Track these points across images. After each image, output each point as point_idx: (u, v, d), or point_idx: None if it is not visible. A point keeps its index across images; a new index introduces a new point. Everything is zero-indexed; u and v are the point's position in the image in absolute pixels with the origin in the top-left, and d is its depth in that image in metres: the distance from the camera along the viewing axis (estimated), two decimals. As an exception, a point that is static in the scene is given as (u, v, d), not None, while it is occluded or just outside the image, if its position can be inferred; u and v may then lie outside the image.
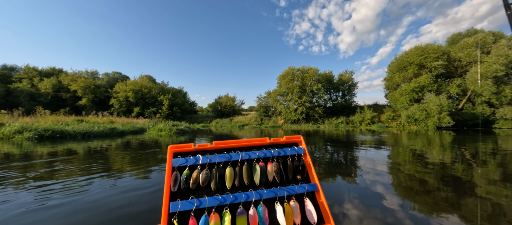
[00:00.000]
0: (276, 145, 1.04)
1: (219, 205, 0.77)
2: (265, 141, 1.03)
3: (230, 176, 0.86)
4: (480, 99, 17.35)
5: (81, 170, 3.50)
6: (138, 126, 14.27)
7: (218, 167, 0.89)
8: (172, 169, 0.81)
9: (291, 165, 0.98)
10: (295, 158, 1.02)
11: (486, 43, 17.72)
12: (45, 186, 2.64)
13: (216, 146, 0.94)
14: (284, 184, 0.99)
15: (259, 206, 0.81)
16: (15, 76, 28.75)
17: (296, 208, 0.85)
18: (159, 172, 3.37)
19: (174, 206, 0.71)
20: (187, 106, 33.80)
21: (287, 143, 1.06)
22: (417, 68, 19.61)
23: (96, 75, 34.16)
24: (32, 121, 10.84)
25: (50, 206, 2.03)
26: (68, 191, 2.44)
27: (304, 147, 1.07)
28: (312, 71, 25.55)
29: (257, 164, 0.95)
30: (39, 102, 26.94)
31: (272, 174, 0.94)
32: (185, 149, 0.90)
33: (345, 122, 23.61)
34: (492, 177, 2.96)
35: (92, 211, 1.92)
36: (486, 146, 6.12)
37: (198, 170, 0.85)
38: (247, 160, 0.94)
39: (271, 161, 0.97)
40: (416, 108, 17.78)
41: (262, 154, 0.97)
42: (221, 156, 0.90)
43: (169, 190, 0.76)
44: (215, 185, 0.83)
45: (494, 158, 4.37)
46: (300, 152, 1.06)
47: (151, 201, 2.16)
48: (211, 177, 0.85)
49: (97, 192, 2.42)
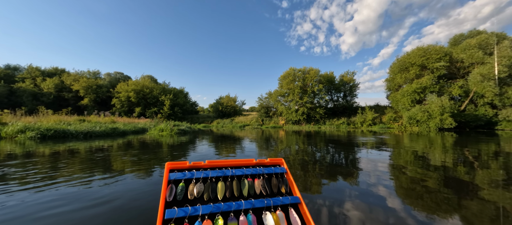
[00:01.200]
0: (262, 165, 1.19)
1: (211, 212, 0.84)
2: (252, 162, 1.18)
3: (222, 189, 0.97)
4: (482, 100, 17.23)
5: (82, 169, 3.52)
6: (139, 126, 14.33)
7: (211, 181, 1.00)
8: (168, 182, 0.93)
9: (276, 180, 1.11)
10: (279, 176, 1.14)
11: (489, 44, 17.62)
12: (46, 185, 2.65)
13: (209, 164, 1.06)
14: (270, 196, 1.13)
15: (248, 214, 0.89)
16: (18, 76, 29.02)
17: (282, 217, 0.94)
18: (160, 175, 3.38)
19: (169, 213, 0.78)
20: (188, 107, 33.90)
21: (271, 164, 1.21)
22: (419, 69, 19.52)
23: (98, 75, 34.38)
24: (34, 120, 10.92)
25: (53, 205, 2.04)
26: (68, 190, 2.46)
27: (286, 167, 1.26)
28: (313, 72, 25.53)
29: (246, 179, 1.06)
30: (42, 102, 27.14)
31: (259, 188, 1.07)
32: (181, 166, 1.02)
33: (346, 122, 23.54)
34: (495, 179, 2.94)
35: (93, 210, 1.93)
36: (489, 147, 6.08)
37: (193, 183, 0.94)
38: (237, 176, 1.06)
39: (258, 177, 1.10)
40: (418, 109, 17.69)
41: (250, 172, 1.10)
42: (213, 172, 1.03)
43: (165, 200, 0.85)
44: (208, 196, 0.92)
45: (497, 160, 4.34)
46: (283, 171, 1.21)
47: (151, 201, 2.17)
48: (205, 189, 0.94)
49: (98, 190, 2.43)
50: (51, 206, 2.01)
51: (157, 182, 2.82)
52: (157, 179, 2.97)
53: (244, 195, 1.08)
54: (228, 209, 0.95)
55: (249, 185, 1.12)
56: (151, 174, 3.29)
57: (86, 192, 2.42)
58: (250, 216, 0.95)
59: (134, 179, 2.99)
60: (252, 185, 1.13)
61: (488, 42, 17.61)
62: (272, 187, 1.17)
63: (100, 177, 3.06)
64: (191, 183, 1.02)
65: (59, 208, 1.99)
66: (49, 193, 2.38)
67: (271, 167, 1.26)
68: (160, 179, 2.98)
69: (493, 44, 17.41)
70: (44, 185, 2.64)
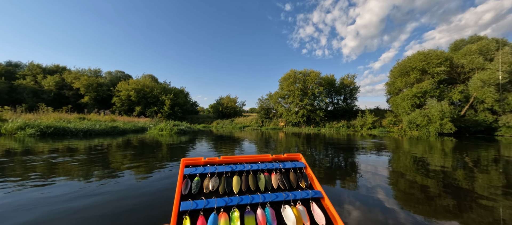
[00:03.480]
0: (278, 160, 1.14)
1: (227, 205, 0.81)
2: (267, 157, 1.13)
3: (237, 183, 0.93)
4: (482, 106, 17.23)
5: (81, 167, 3.53)
6: (139, 125, 14.33)
7: (226, 175, 0.97)
8: (183, 177, 0.91)
9: (294, 175, 1.05)
10: (297, 170, 1.10)
11: (489, 50, 17.66)
12: (45, 182, 2.66)
13: (223, 159, 1.03)
14: (288, 190, 1.05)
15: (266, 208, 0.85)
16: (19, 73, 29.06)
17: (304, 211, 0.88)
18: (160, 171, 3.38)
19: (184, 205, 0.77)
20: (188, 107, 33.91)
21: (289, 159, 1.16)
22: (419, 74, 19.55)
23: (99, 73, 34.43)
24: (34, 117, 10.92)
25: (60, 201, 2.04)
26: (68, 187, 2.46)
27: (304, 161, 1.16)
28: (314, 74, 25.56)
29: (262, 174, 1.02)
30: (42, 99, 27.15)
31: (277, 182, 1.01)
32: (196, 162, 1.00)
33: (346, 125, 23.53)
34: (494, 184, 2.94)
35: (96, 208, 1.94)
36: (488, 153, 6.08)
37: (208, 177, 0.92)
38: (252, 170, 1.02)
39: (274, 172, 1.05)
40: (418, 113, 17.69)
41: (266, 166, 1.05)
42: (228, 166, 0.99)
43: (180, 193, 0.83)
44: (223, 189, 0.89)
45: (496, 165, 4.34)
46: (301, 166, 1.12)
47: (160, 199, 2.17)
48: (220, 183, 0.92)
49: (97, 189, 2.43)
50: (66, 199, 2.02)
51: (167, 177, 2.82)
52: (167, 174, 2.97)
53: (261, 189, 1.03)
54: (244, 203, 0.91)
55: (265, 179, 1.07)
56: (160, 169, 3.29)
57: (86, 189, 2.42)
58: (268, 210, 0.90)
59: (135, 176, 2.99)
60: (269, 180, 1.07)
61: (488, 48, 17.65)
62: (290, 182, 1.10)
63: (129, 171, 3.07)
64: (206, 178, 1.00)
65: (92, 197, 1.99)
66: (63, 188, 2.38)
67: (289, 162, 1.20)
68: (170, 173, 2.98)
69: (493, 50, 17.45)
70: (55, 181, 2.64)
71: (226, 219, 0.80)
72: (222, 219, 0.80)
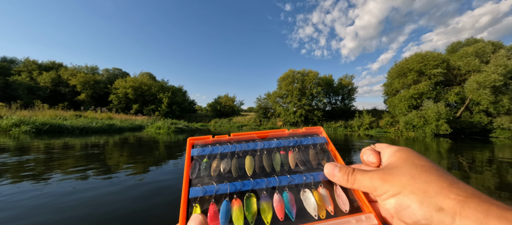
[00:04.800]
0: (296, 135, 1.00)
1: (240, 190, 0.73)
2: (284, 132, 1.00)
3: (250, 164, 0.82)
4: (478, 108, 17.47)
5: (77, 165, 3.50)
6: (136, 123, 14.24)
7: (238, 156, 0.86)
8: (191, 158, 0.80)
9: (314, 152, 0.91)
10: (318, 147, 0.97)
11: (485, 53, 17.88)
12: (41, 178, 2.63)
13: (234, 137, 0.92)
14: (307, 171, 0.91)
15: (284, 192, 0.75)
16: (14, 69, 28.62)
17: (326, 195, 0.78)
18: (156, 167, 3.37)
19: (194, 192, 0.69)
20: (186, 105, 33.76)
21: (308, 133, 1.02)
22: (416, 75, 19.73)
23: (96, 70, 34.09)
24: (30, 114, 10.78)
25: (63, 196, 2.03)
26: (69, 183, 2.44)
27: (326, 136, 1.02)
28: (312, 75, 25.64)
29: (278, 152, 0.90)
30: (38, 96, 26.81)
31: (294, 161, 0.88)
32: (203, 140, 0.89)
33: (344, 126, 23.67)
34: (487, 185, 2.98)
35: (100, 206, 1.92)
36: (483, 154, 6.16)
37: (218, 158, 0.82)
38: (266, 149, 0.90)
39: (291, 150, 0.92)
40: (415, 114, 17.87)
41: (282, 144, 0.92)
42: (240, 145, 0.87)
43: (188, 178, 0.75)
44: (235, 172, 0.80)
45: (490, 167, 4.40)
46: (323, 141, 0.99)
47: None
48: (231, 165, 0.83)
49: (97, 187, 2.42)
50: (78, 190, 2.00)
51: (155, 176, 2.81)
52: (156, 174, 2.96)
53: (277, 170, 0.91)
54: (259, 187, 0.81)
55: (282, 159, 0.94)
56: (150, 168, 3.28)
57: (86, 187, 2.40)
58: (287, 194, 0.80)
59: (136, 173, 2.98)
60: (285, 159, 0.95)
61: (485, 51, 17.86)
62: (310, 161, 0.99)
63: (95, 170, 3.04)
64: (215, 159, 0.88)
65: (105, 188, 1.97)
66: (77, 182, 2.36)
67: (308, 137, 1.04)
68: (156, 174, 2.97)
69: (489, 52, 17.66)
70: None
71: (240, 206, 0.72)
72: (236, 206, 0.72)
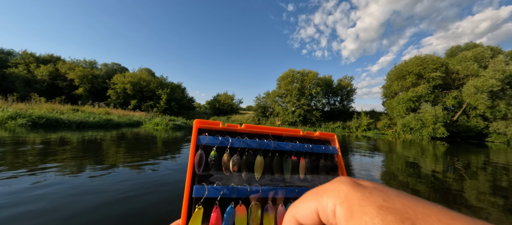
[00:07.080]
0: (310, 140, 0.94)
1: (246, 197, 0.67)
2: (298, 133, 0.94)
3: (260, 165, 0.75)
4: (475, 112, 17.61)
5: (74, 161, 3.47)
6: (134, 119, 14.16)
7: (248, 153, 0.76)
8: (196, 147, 0.66)
9: (324, 164, 0.87)
10: (328, 157, 0.93)
11: (484, 58, 17.99)
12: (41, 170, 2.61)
13: (246, 129, 0.83)
14: (314, 186, 0.87)
15: (288, 205, 0.71)
16: (11, 61, 28.29)
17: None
18: (152, 164, 3.36)
19: (198, 191, 0.60)
20: (185, 102, 33.65)
21: (321, 139, 0.97)
22: (415, 78, 19.82)
23: (94, 65, 33.83)
24: (26, 107, 10.68)
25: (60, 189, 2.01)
26: (65, 179, 2.42)
27: (337, 146, 0.98)
28: (312, 75, 25.64)
29: (289, 158, 0.85)
30: (35, 89, 26.55)
31: (304, 170, 0.83)
32: (212, 126, 0.77)
33: (342, 126, 23.75)
34: (482, 188, 3.01)
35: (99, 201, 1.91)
36: (478, 158, 6.22)
37: (227, 152, 0.72)
38: (278, 151, 0.83)
39: (304, 156, 0.86)
40: (412, 117, 17.97)
41: (295, 147, 0.86)
42: (252, 142, 0.77)
43: (193, 172, 0.63)
44: (244, 172, 0.72)
45: (485, 170, 4.44)
46: (334, 152, 0.95)
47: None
48: (241, 163, 0.73)
49: (97, 185, 2.40)
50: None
51: (157, 171, 2.80)
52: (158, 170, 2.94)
53: (286, 177, 0.86)
54: (265, 196, 0.76)
55: (292, 165, 0.89)
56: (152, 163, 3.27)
57: (86, 183, 2.39)
58: None
59: (136, 169, 2.96)
60: (296, 166, 0.90)
61: (483, 56, 17.98)
62: (319, 171, 0.94)
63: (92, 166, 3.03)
64: (225, 153, 0.78)
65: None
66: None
67: (321, 146, 0.98)
68: (154, 172, 2.95)
69: (488, 57, 17.78)
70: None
71: (244, 214, 0.67)
72: (239, 213, 0.66)
